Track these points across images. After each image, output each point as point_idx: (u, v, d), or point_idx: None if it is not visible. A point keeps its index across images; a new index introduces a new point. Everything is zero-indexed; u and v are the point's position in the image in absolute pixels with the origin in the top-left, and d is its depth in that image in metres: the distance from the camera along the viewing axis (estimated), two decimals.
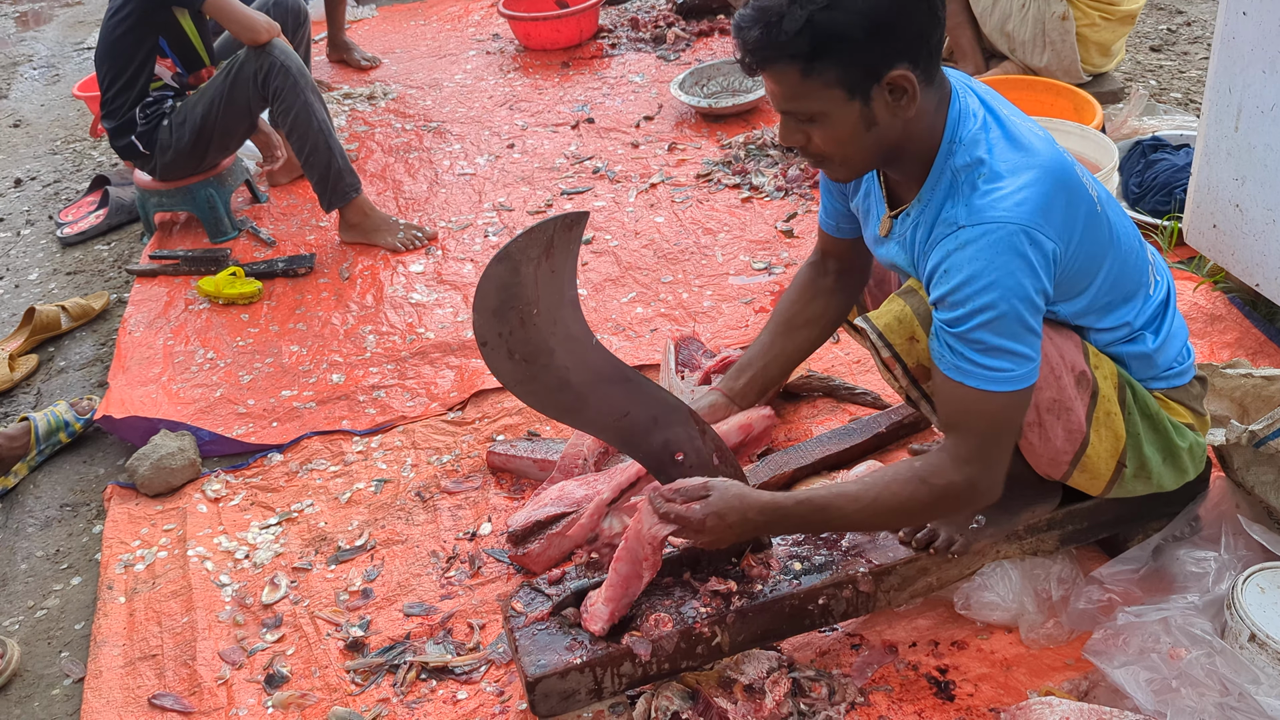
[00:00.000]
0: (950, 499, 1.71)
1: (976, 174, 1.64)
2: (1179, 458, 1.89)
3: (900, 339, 1.74)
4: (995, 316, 1.59)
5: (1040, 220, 1.59)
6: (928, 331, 1.70)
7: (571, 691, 1.87)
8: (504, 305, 1.65)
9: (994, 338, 1.60)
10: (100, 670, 2.23)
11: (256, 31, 3.40)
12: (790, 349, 2.21)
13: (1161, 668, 1.75)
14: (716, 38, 4.92)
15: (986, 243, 1.58)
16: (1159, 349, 1.85)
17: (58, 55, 6.09)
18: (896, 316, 1.74)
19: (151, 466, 2.66)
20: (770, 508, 1.77)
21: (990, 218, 1.59)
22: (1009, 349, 1.61)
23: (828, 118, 1.64)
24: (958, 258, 1.60)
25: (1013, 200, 1.59)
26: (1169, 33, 4.49)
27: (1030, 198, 1.59)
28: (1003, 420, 1.67)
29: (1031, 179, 1.61)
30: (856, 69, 1.59)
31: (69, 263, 3.90)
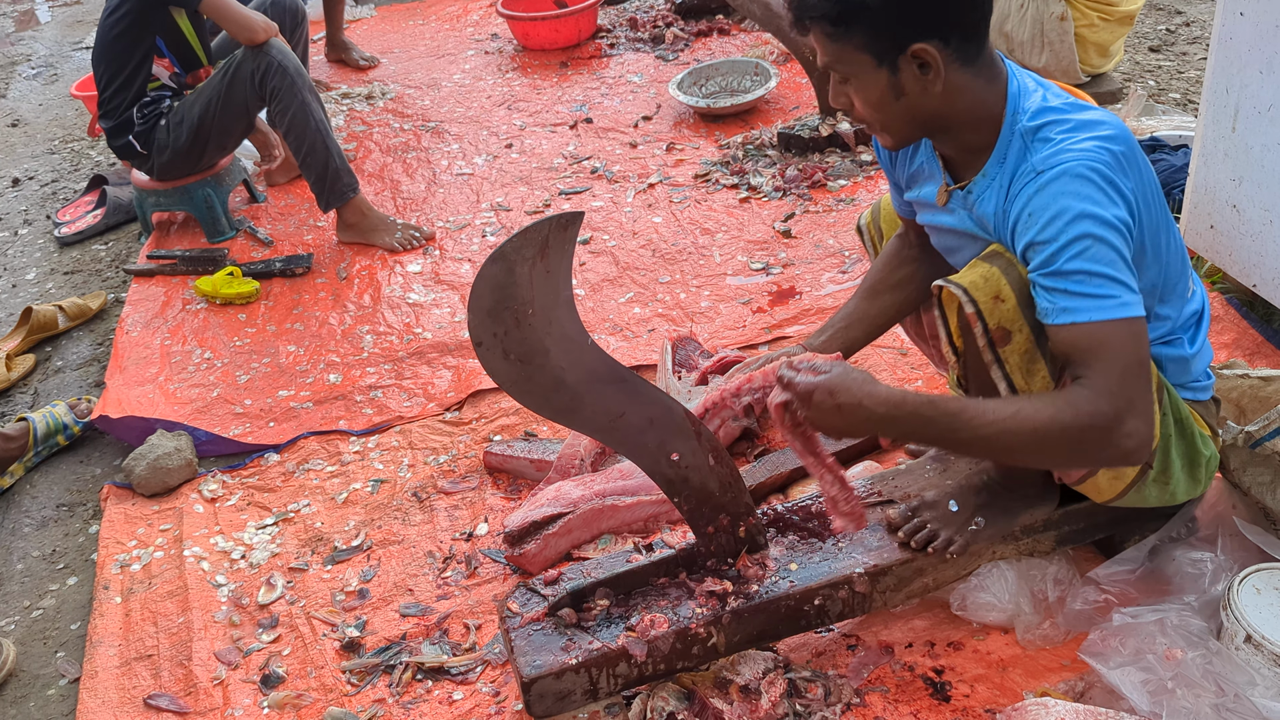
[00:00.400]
0: (1096, 431, 1.55)
1: (1049, 129, 1.66)
2: (1198, 467, 1.87)
3: (985, 297, 1.68)
4: (1089, 245, 1.56)
5: (1115, 166, 1.60)
6: (1017, 294, 1.66)
7: (567, 692, 1.87)
8: (499, 305, 1.64)
9: (1092, 264, 1.56)
10: (96, 670, 2.23)
11: (254, 31, 3.40)
12: (874, 312, 2.17)
13: (1157, 669, 1.75)
14: (715, 38, 4.92)
15: (1068, 178, 1.59)
16: (1194, 357, 1.84)
17: (56, 55, 6.09)
18: (982, 275, 1.69)
19: (148, 466, 2.66)
20: (890, 400, 1.65)
21: (1069, 157, 1.60)
22: (1110, 275, 1.56)
23: (859, 81, 1.70)
24: (1040, 199, 1.61)
25: (1090, 145, 1.61)
26: (1168, 33, 4.49)
27: (1105, 147, 1.61)
28: (1131, 351, 1.57)
29: (1105, 134, 1.63)
30: (880, 37, 1.65)
31: (66, 262, 3.90)
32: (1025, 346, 1.68)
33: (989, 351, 1.71)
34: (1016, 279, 1.67)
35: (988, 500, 1.99)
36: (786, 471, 2.39)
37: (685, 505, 1.92)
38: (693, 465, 1.88)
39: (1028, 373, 1.70)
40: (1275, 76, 2.32)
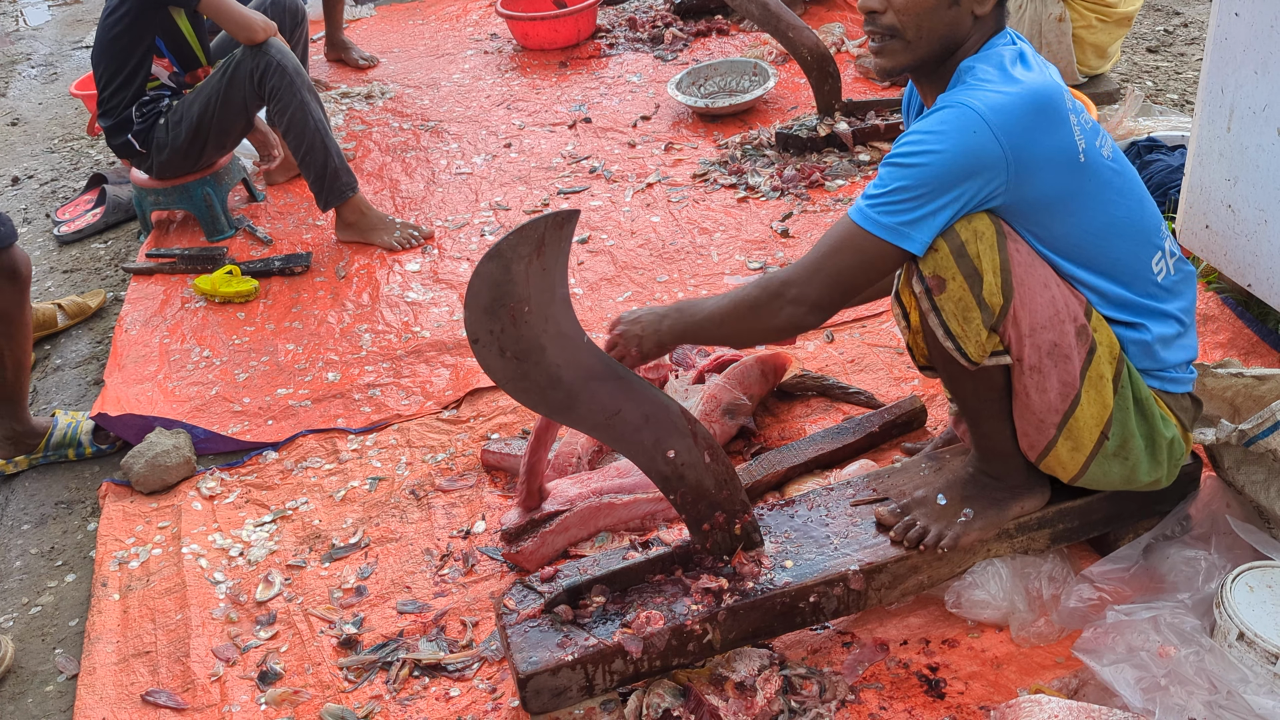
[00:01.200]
0: (769, 297, 1.82)
1: (976, 74, 1.76)
2: (1159, 448, 1.89)
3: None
4: (897, 164, 1.72)
5: (1001, 120, 1.68)
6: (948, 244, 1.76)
7: (563, 688, 1.88)
8: (495, 303, 1.65)
9: (891, 177, 1.73)
10: (94, 667, 2.23)
11: (253, 30, 3.40)
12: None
13: (1150, 666, 1.75)
14: (714, 38, 4.93)
15: (950, 114, 1.70)
16: (1163, 342, 1.86)
17: (55, 54, 6.10)
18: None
19: (146, 464, 2.67)
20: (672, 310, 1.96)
21: (961, 100, 1.70)
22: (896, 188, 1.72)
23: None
24: (925, 121, 1.73)
25: (989, 96, 1.70)
26: (1165, 34, 4.50)
27: (1004, 102, 1.69)
28: (830, 243, 1.79)
29: (1016, 91, 1.70)
30: None
31: (66, 261, 3.91)
32: (959, 294, 1.75)
33: (925, 299, 1.79)
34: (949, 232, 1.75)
35: (975, 492, 2.00)
36: (782, 470, 2.40)
37: (681, 502, 1.93)
38: (688, 462, 1.89)
39: (964, 319, 1.77)
40: (1270, 77, 2.33)
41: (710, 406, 2.51)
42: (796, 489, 2.37)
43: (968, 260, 1.73)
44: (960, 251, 1.73)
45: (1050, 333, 1.78)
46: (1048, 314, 1.77)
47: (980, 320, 1.76)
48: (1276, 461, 1.95)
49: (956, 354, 1.80)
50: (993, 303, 1.75)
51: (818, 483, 2.37)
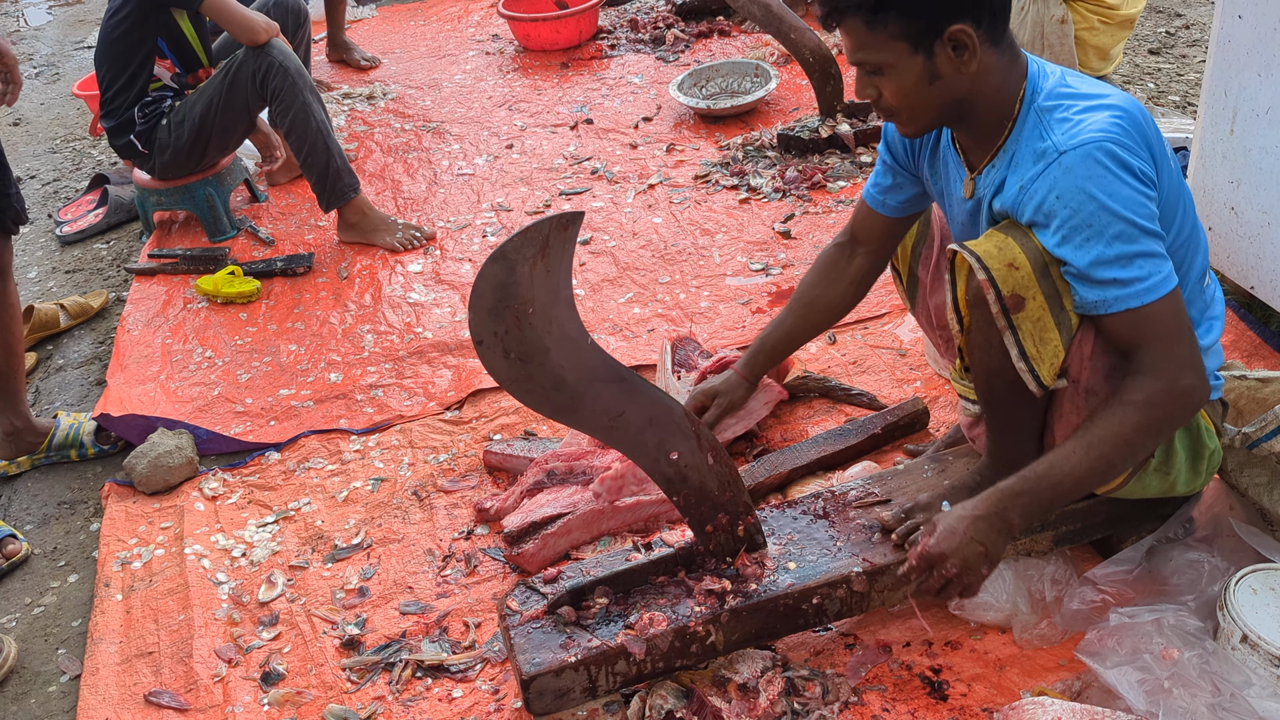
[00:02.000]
0: (1160, 407, 1.68)
1: (1063, 106, 1.70)
2: (1200, 460, 1.89)
3: (999, 264, 1.70)
4: (1119, 230, 1.63)
5: (1130, 140, 1.64)
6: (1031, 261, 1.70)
7: (566, 689, 1.88)
8: (500, 304, 1.65)
9: (1127, 246, 1.63)
10: (97, 667, 2.23)
11: (255, 31, 3.40)
12: (803, 328, 2.36)
13: (1154, 668, 1.75)
14: (716, 39, 4.93)
15: (1091, 161, 1.63)
16: (1206, 350, 1.84)
17: (58, 54, 6.10)
18: (996, 244, 1.72)
19: (149, 464, 2.67)
20: (991, 500, 1.74)
21: (1089, 136, 1.64)
22: (1144, 252, 1.64)
23: (894, 69, 1.71)
24: (1064, 184, 1.65)
25: (1104, 121, 1.65)
26: (1167, 36, 4.50)
27: (1119, 120, 1.65)
28: (1172, 323, 1.67)
29: (1117, 109, 1.67)
30: (917, 22, 1.67)
31: (68, 261, 3.91)
32: (1039, 314, 1.71)
33: (1003, 318, 1.73)
34: (1032, 248, 1.70)
35: None
36: (785, 471, 2.40)
37: (684, 504, 1.93)
38: (691, 464, 1.89)
39: (1040, 340, 1.73)
40: (1273, 79, 2.33)
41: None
42: (799, 490, 2.37)
43: (1050, 280, 1.69)
44: (1044, 271, 1.69)
45: (1112, 355, 1.75)
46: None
47: (1058, 340, 1.73)
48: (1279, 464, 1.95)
49: (1028, 376, 1.75)
50: (1073, 322, 1.73)
51: (820, 484, 2.37)
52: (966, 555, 1.72)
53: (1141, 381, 1.68)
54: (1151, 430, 1.70)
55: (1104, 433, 1.69)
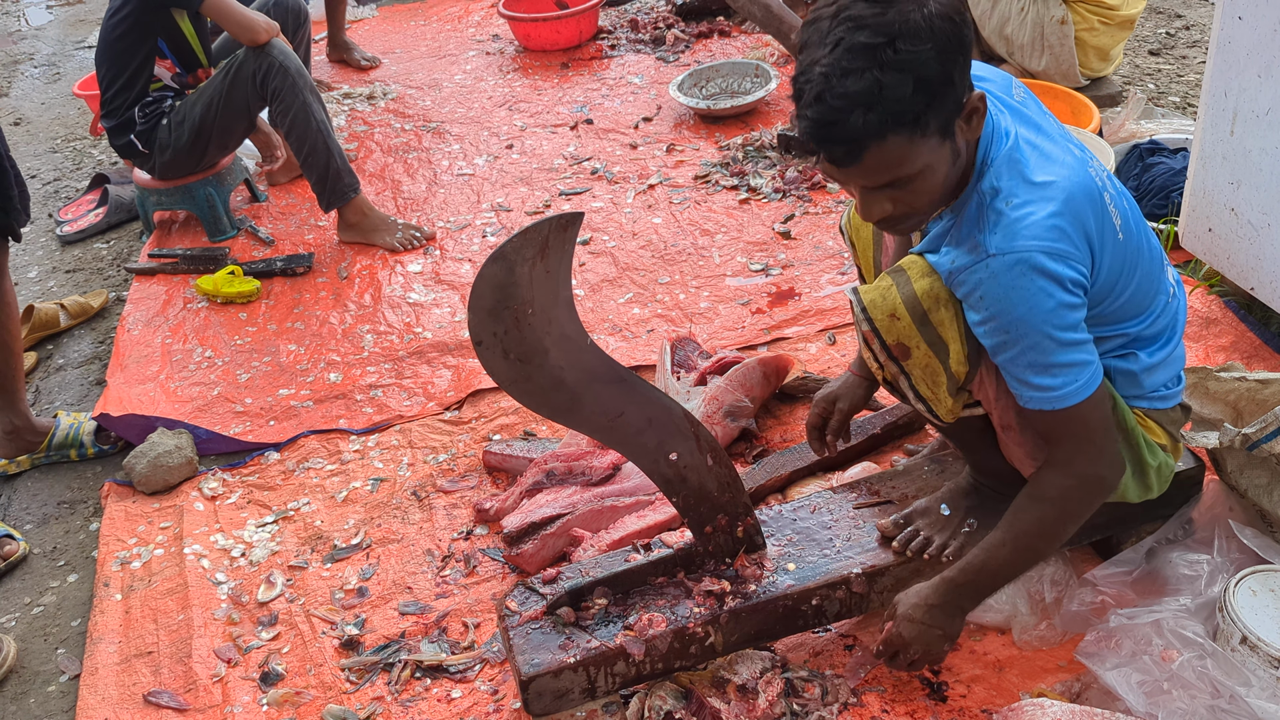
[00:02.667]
0: (1074, 500, 1.73)
1: (1003, 201, 1.61)
2: (1146, 474, 1.88)
3: (881, 315, 1.73)
4: (1035, 341, 1.61)
5: (1064, 246, 1.58)
6: (910, 312, 1.70)
7: (565, 690, 1.88)
8: (499, 305, 1.65)
9: (1042, 358, 1.62)
10: (96, 667, 2.23)
11: (255, 31, 3.40)
12: None
13: (1153, 670, 1.75)
14: (716, 39, 4.93)
15: (1015, 273, 1.58)
16: (1149, 369, 1.82)
17: (58, 54, 6.09)
18: (880, 293, 1.73)
19: (149, 464, 2.67)
20: (941, 590, 1.83)
21: (1014, 246, 1.58)
22: (1060, 363, 1.62)
23: (929, 169, 1.57)
24: (989, 289, 1.61)
25: (1040, 223, 1.58)
26: (1167, 36, 4.49)
27: (1054, 224, 1.58)
28: (1092, 422, 1.68)
29: (1055, 208, 1.59)
30: (947, 108, 1.54)
31: (68, 261, 3.91)
32: (925, 360, 1.73)
33: (893, 365, 1.76)
34: (910, 297, 1.71)
35: (979, 502, 2.00)
36: (786, 473, 2.40)
37: (683, 505, 1.93)
38: (691, 465, 1.89)
39: (932, 384, 1.76)
40: (1273, 80, 2.33)
41: (712, 408, 2.51)
42: (799, 491, 2.37)
43: (931, 329, 1.70)
44: (923, 320, 1.70)
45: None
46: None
47: (946, 385, 1.75)
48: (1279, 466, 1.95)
49: (928, 414, 1.80)
50: (959, 371, 1.73)
51: (820, 485, 2.37)
52: (927, 641, 1.85)
53: (1054, 478, 1.73)
54: (1068, 520, 1.76)
55: (1025, 527, 1.76)
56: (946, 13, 1.51)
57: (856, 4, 1.51)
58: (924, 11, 1.49)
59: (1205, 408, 2.21)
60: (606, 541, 2.26)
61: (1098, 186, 1.66)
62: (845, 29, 1.49)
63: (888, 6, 1.49)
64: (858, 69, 1.47)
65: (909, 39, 1.47)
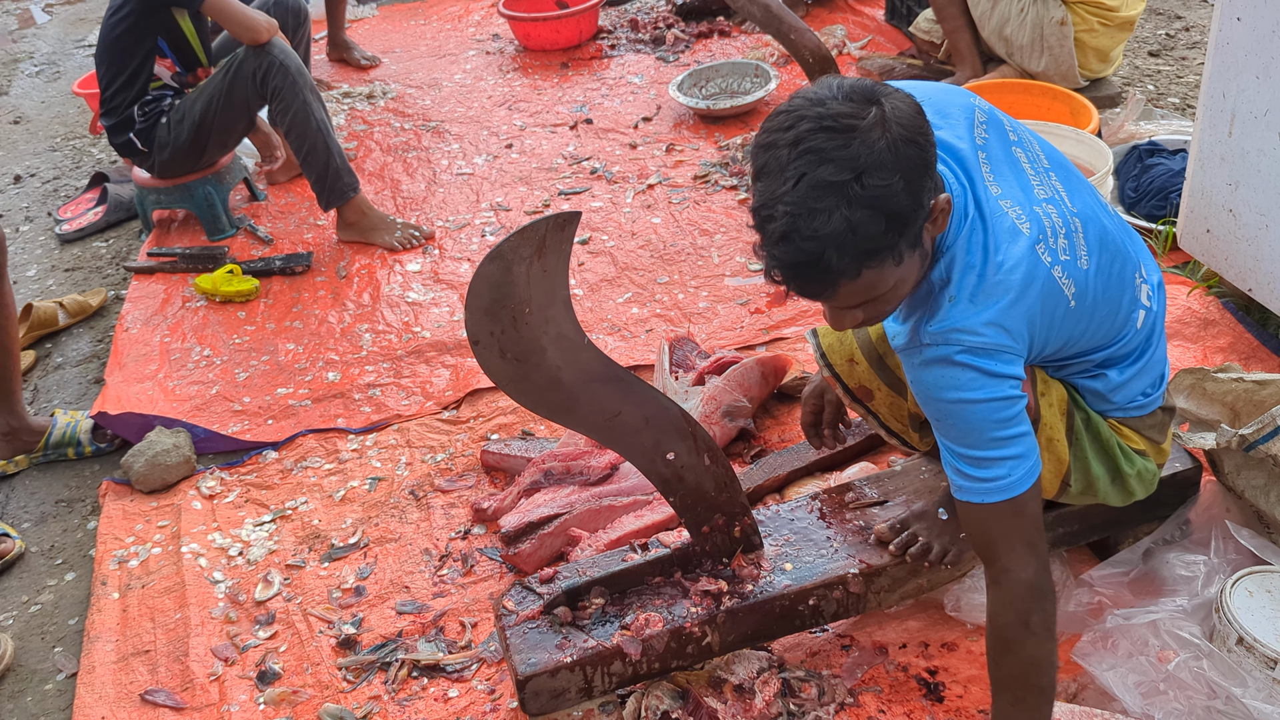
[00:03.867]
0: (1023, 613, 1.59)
1: (947, 295, 1.56)
2: (1125, 481, 1.85)
3: (840, 360, 1.79)
4: (965, 433, 1.56)
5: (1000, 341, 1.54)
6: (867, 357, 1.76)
7: (562, 690, 1.87)
8: (496, 304, 1.65)
9: (974, 450, 1.57)
10: (93, 665, 2.23)
11: (256, 31, 3.40)
12: None
13: (1149, 670, 1.76)
14: (716, 39, 4.93)
15: (943, 365, 1.55)
16: (1120, 386, 1.78)
17: (58, 52, 6.09)
18: (839, 338, 1.78)
19: (146, 463, 2.67)
20: None
21: (948, 339, 1.54)
22: (991, 458, 1.57)
23: (903, 281, 1.51)
24: (920, 374, 1.58)
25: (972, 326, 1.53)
26: (1167, 38, 4.49)
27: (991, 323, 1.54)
28: (1021, 517, 1.60)
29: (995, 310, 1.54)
30: (916, 221, 1.46)
31: (67, 259, 3.91)
32: (889, 400, 1.79)
33: (858, 406, 1.81)
34: (865, 341, 1.76)
35: None
36: (784, 473, 2.40)
37: (680, 505, 1.93)
38: (688, 465, 1.89)
39: (899, 419, 1.81)
40: (1271, 81, 2.33)
41: (710, 408, 2.51)
42: (797, 491, 2.37)
43: (889, 371, 1.74)
44: (880, 364, 1.74)
45: None
46: None
47: (910, 423, 1.77)
48: (1277, 466, 1.95)
49: (901, 446, 1.83)
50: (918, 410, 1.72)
51: (818, 485, 2.37)
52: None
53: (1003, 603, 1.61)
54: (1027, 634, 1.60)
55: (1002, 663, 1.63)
56: (909, 136, 1.41)
57: (816, 135, 1.39)
58: (888, 139, 1.39)
59: (1203, 409, 2.21)
60: (604, 541, 2.26)
61: (1045, 268, 1.57)
62: (806, 162, 1.39)
63: (849, 138, 1.39)
64: (825, 209, 1.38)
65: (876, 173, 1.38)
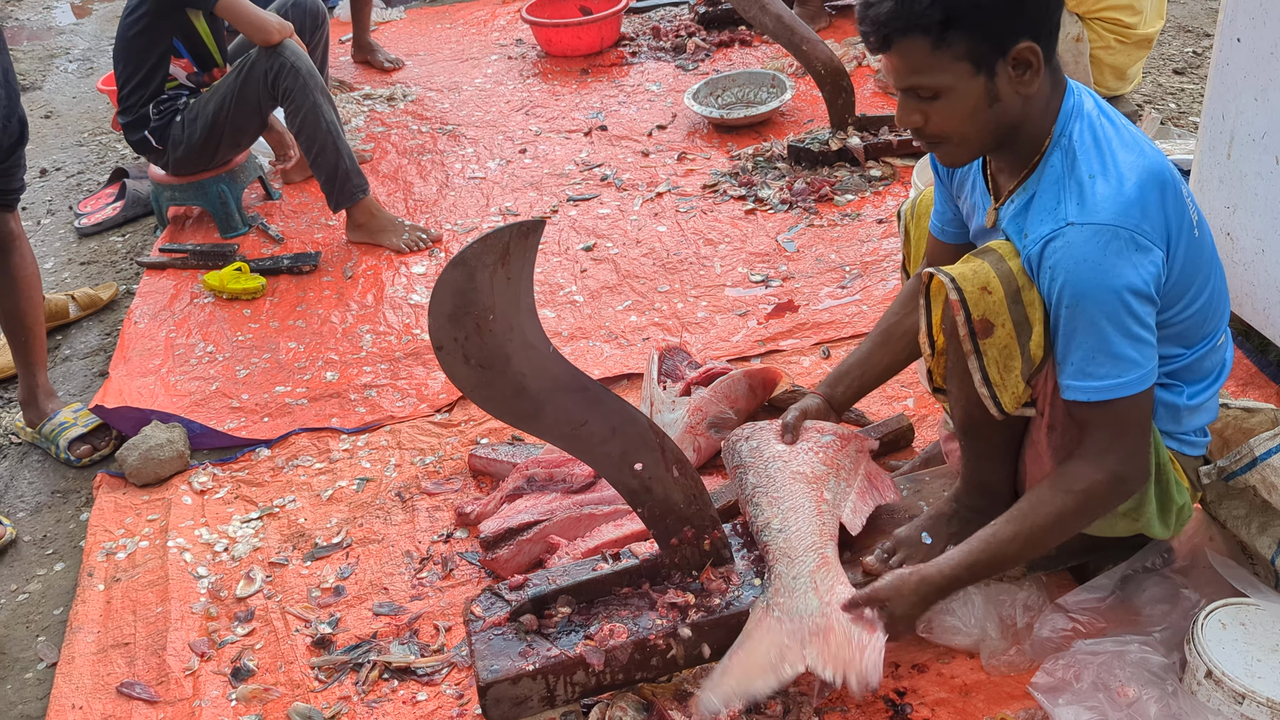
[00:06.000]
0: (1097, 497, 1.71)
1: (1084, 171, 1.65)
2: (1169, 513, 1.85)
3: (973, 287, 1.69)
4: (1097, 322, 1.60)
5: (1145, 225, 1.60)
6: (1004, 286, 1.68)
7: (524, 698, 1.87)
8: (459, 310, 1.65)
9: (1101, 343, 1.61)
10: (73, 656, 2.26)
11: (268, 32, 3.44)
12: (887, 360, 2.19)
13: (1106, 708, 1.72)
14: (736, 48, 4.92)
15: (1091, 245, 1.60)
16: (1188, 410, 1.82)
17: (94, 49, 6.19)
18: (972, 268, 1.70)
19: (140, 456, 2.70)
20: (942, 571, 1.79)
21: (1094, 219, 1.60)
22: (1126, 355, 1.61)
23: (953, 92, 1.64)
24: (1062, 257, 1.62)
25: (1120, 202, 1.60)
26: (1194, 56, 4.43)
27: (1136, 201, 1.61)
28: (1128, 420, 1.67)
29: (1137, 182, 1.62)
30: (986, 41, 1.60)
31: (84, 253, 3.97)
32: (1005, 341, 1.69)
33: (969, 341, 1.71)
34: (1005, 273, 1.68)
35: (960, 529, 1.96)
36: None
37: (649, 516, 1.93)
38: (655, 476, 1.88)
39: (1004, 368, 1.71)
40: (1269, 104, 2.29)
41: (696, 419, 2.50)
42: None
43: (1020, 307, 1.67)
44: (1015, 297, 1.67)
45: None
46: None
47: (1019, 371, 1.70)
48: (1256, 497, 1.92)
49: (990, 401, 1.74)
50: (1036, 355, 1.69)
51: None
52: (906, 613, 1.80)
53: (1083, 469, 1.70)
54: (1085, 516, 1.74)
55: (1042, 520, 1.73)
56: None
57: None
58: None
59: None
60: (581, 550, 2.26)
61: (1176, 177, 1.67)
62: None
63: None
64: None
65: None
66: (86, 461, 2.84)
